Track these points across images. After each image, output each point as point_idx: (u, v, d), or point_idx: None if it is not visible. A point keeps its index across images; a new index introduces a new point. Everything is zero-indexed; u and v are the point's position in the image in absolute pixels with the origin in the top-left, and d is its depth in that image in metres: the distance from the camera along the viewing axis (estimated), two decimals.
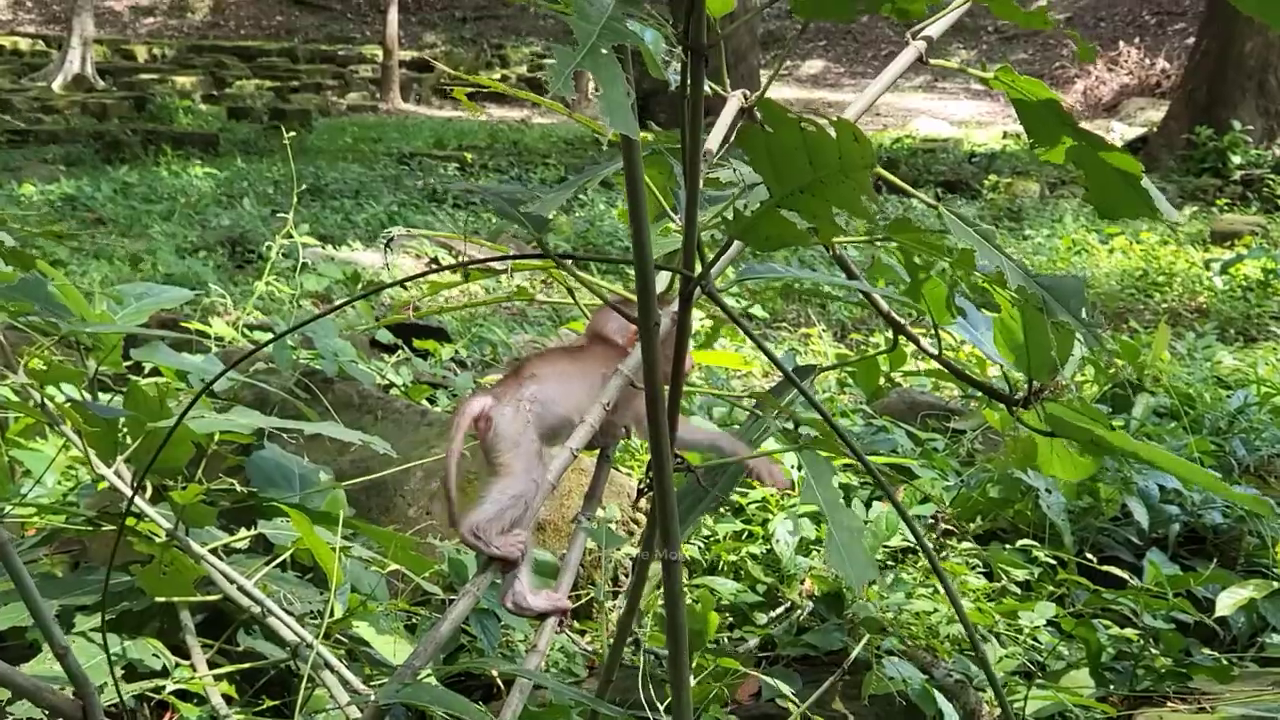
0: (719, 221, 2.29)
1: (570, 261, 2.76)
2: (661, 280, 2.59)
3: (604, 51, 1.76)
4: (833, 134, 1.88)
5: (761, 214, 2.03)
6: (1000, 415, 6.26)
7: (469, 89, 3.32)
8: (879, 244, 2.39)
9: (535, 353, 2.66)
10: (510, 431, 2.59)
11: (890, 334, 2.85)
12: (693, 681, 4.01)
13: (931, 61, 2.71)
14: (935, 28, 2.71)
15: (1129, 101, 31.18)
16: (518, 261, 3.42)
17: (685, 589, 2.24)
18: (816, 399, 2.20)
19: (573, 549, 2.84)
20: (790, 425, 2.68)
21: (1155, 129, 24.34)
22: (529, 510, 2.59)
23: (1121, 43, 33.37)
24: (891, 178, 2.49)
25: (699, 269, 2.11)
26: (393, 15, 33.01)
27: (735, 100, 2.73)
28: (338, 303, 5.80)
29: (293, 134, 6.45)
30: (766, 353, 2.27)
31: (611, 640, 3.24)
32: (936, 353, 2.54)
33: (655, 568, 2.32)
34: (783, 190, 1.97)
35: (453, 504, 2.63)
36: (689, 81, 1.95)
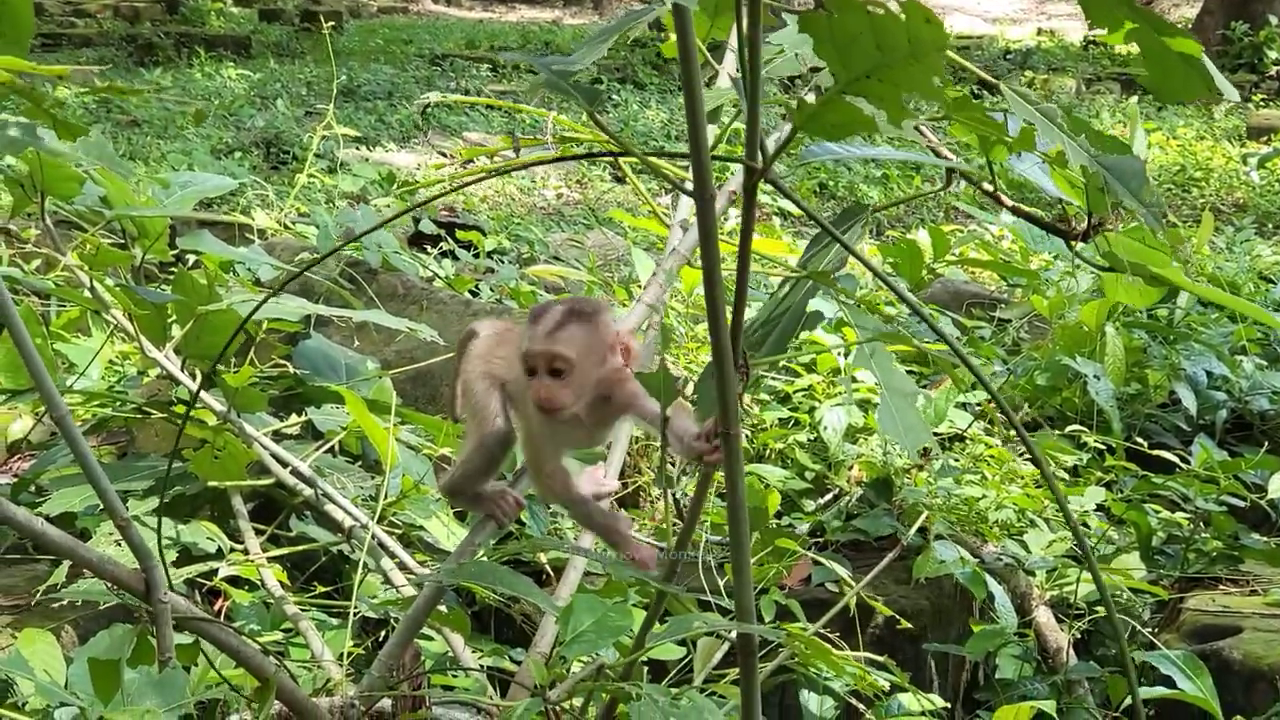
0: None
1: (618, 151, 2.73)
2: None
3: None
4: (902, 17, 1.84)
5: (826, 101, 1.98)
6: (1049, 302, 6.22)
7: None
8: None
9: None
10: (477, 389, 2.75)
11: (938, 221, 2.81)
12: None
13: None
14: None
15: None
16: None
17: None
18: (863, 259, 2.17)
19: (620, 430, 2.83)
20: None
21: (1189, 25, 24.01)
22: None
23: None
24: (959, 60, 2.44)
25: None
26: None
27: None
28: (397, 211, 5.80)
29: (331, 24, 6.38)
30: (820, 223, 2.25)
31: (670, 524, 3.23)
32: (992, 189, 2.50)
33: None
34: (848, 76, 1.92)
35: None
36: None
